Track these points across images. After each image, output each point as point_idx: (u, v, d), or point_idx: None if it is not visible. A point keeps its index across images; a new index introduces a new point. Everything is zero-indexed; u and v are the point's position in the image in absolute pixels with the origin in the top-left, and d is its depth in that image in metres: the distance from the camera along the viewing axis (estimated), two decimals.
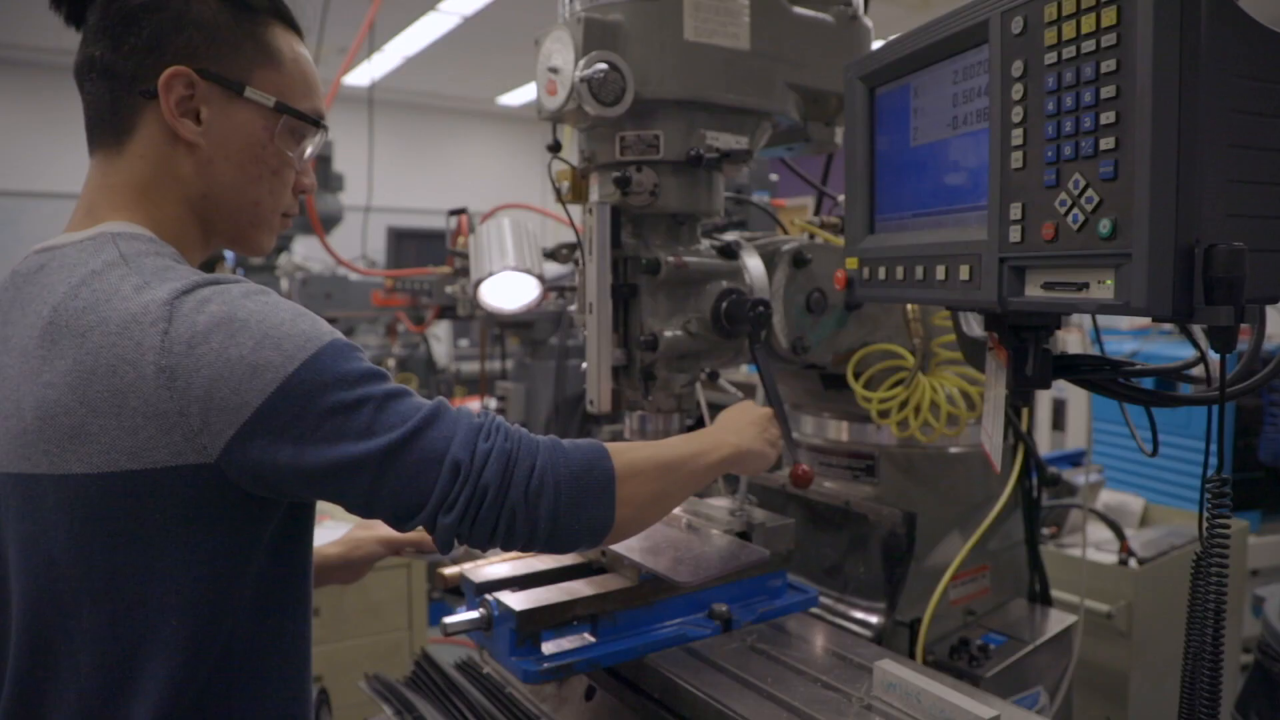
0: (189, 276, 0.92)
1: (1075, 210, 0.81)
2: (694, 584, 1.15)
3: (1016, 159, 0.88)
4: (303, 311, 0.94)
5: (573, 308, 1.56)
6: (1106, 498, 2.80)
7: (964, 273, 0.95)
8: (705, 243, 1.46)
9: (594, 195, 1.41)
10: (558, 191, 1.57)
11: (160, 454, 0.87)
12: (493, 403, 3.73)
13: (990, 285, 0.91)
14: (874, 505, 1.60)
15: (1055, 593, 1.83)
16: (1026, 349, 0.98)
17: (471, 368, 5.67)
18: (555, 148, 1.46)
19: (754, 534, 1.35)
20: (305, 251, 5.85)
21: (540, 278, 1.72)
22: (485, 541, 0.95)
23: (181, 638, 0.90)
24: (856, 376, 1.56)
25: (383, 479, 0.90)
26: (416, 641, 2.63)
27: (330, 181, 4.91)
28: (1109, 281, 0.80)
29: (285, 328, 0.90)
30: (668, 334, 1.35)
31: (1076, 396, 4.37)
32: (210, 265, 7.47)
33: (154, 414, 0.86)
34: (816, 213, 1.89)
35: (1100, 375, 1.01)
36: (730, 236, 1.52)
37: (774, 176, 3.68)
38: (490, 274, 1.69)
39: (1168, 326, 5.42)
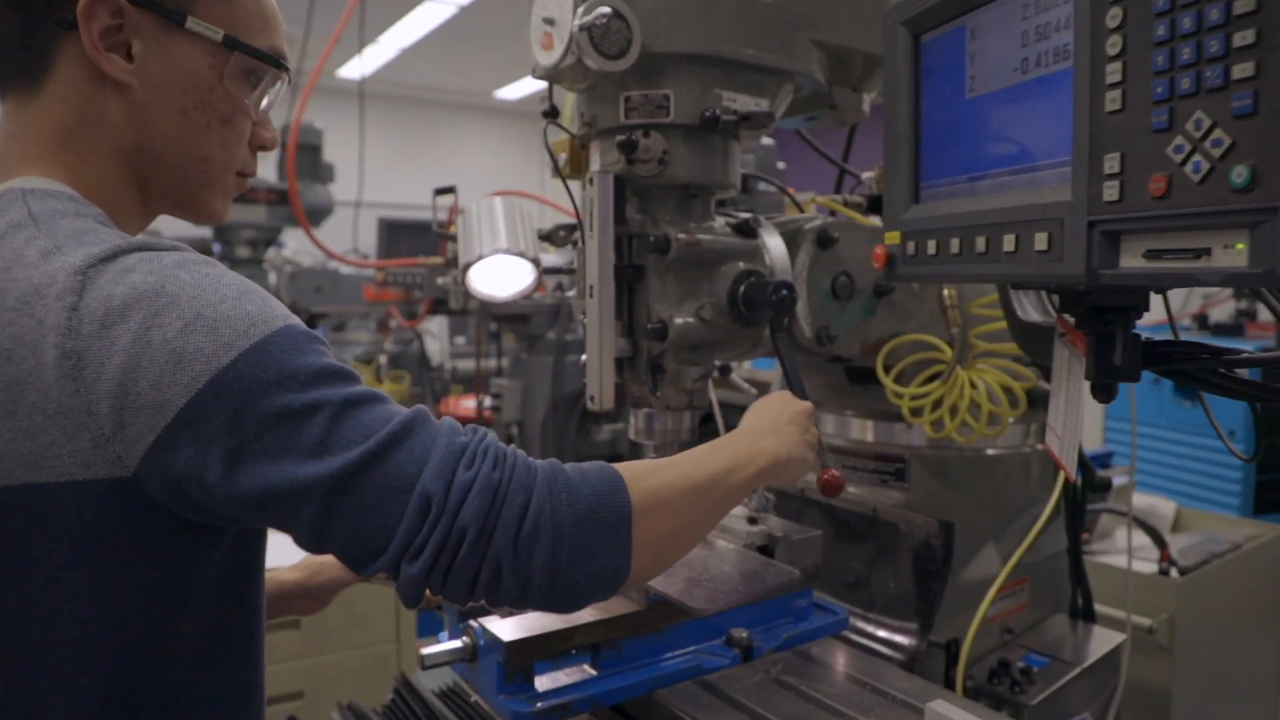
0: (111, 240, 0.76)
1: (1197, 157, 0.65)
2: (712, 611, 0.99)
3: (1112, 100, 0.72)
4: (252, 289, 0.77)
5: (571, 293, 1.41)
6: (1136, 501, 2.64)
7: (1040, 242, 0.79)
8: (720, 220, 1.30)
9: (595, 164, 1.25)
10: (555, 164, 1.41)
11: (65, 464, 0.70)
12: (487, 401, 3.57)
13: (1075, 256, 0.75)
14: (904, 513, 1.44)
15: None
16: (1112, 334, 0.83)
17: (468, 365, 5.51)
18: (551, 113, 1.30)
19: (777, 548, 1.19)
20: (297, 245, 5.69)
21: (535, 262, 1.56)
22: (463, 596, 0.77)
23: (98, 698, 0.74)
24: (886, 370, 1.40)
25: (334, 511, 0.73)
26: (405, 655, 2.47)
27: (320, 172, 4.74)
28: (1241, 245, 0.64)
29: (225, 307, 0.73)
30: (678, 321, 1.19)
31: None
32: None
33: (56, 412, 0.70)
34: (837, 192, 1.73)
35: (1197, 366, 0.85)
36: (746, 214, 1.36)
37: (781, 164, 3.53)
38: (480, 257, 1.53)
39: (1185, 321, 5.26)
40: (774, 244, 1.29)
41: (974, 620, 1.39)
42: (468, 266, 1.55)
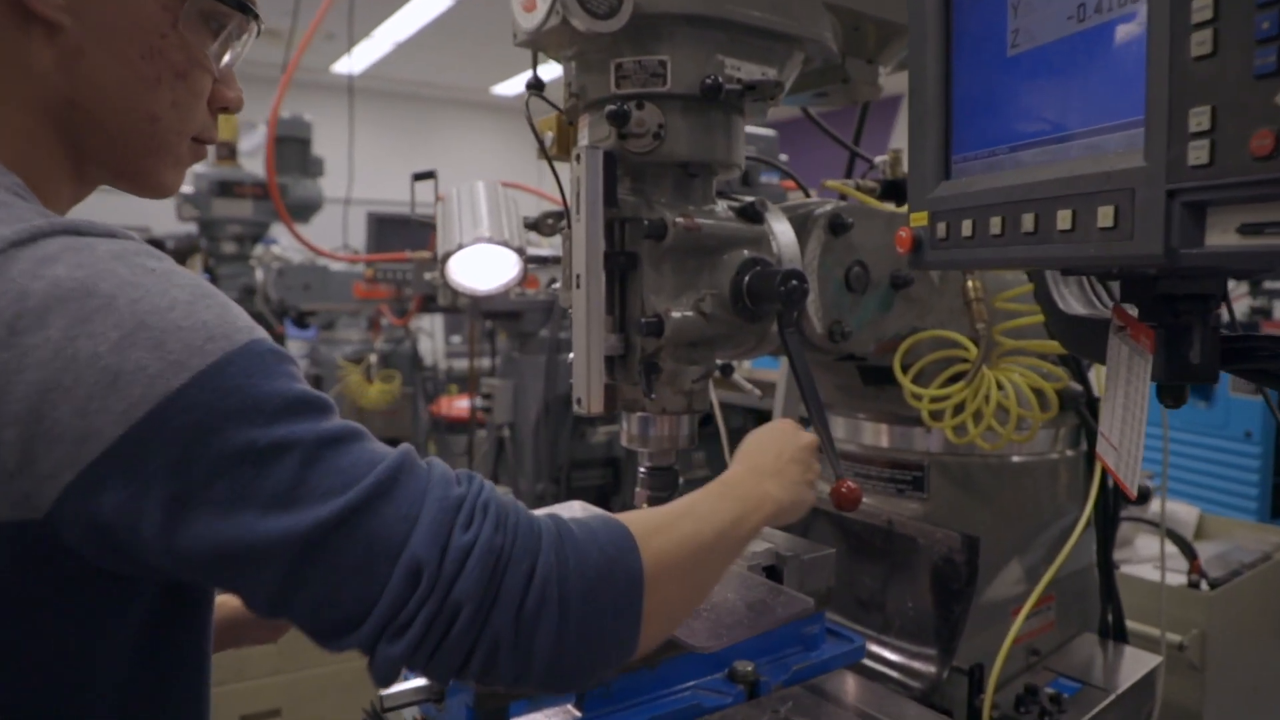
0: (30, 219, 0.62)
1: None
2: (715, 649, 0.86)
3: (1200, 43, 0.59)
4: (209, 292, 0.64)
5: (557, 285, 1.29)
6: (1156, 507, 2.52)
7: (1103, 217, 0.67)
8: (721, 204, 1.17)
9: (583, 140, 1.12)
10: (541, 145, 1.28)
11: None
12: (479, 402, 3.45)
13: (1149, 232, 0.63)
14: (923, 526, 1.31)
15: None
16: (1187, 327, 0.70)
17: (464, 365, 5.38)
18: (536, 85, 1.18)
19: (786, 569, 1.06)
20: (289, 242, 5.56)
21: (520, 251, 1.44)
22: (448, 676, 0.66)
23: None
24: (904, 369, 1.28)
25: (301, 577, 0.60)
26: None
27: (309, 166, 4.62)
28: None
29: (175, 315, 0.60)
30: (675, 315, 1.07)
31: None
32: (179, 258, 7.17)
33: None
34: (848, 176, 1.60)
35: None
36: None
37: (783, 156, 3.41)
38: (460, 246, 1.41)
39: None
40: (782, 230, 1.16)
41: (1003, 644, 1.26)
42: (447, 256, 1.43)
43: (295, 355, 6.09)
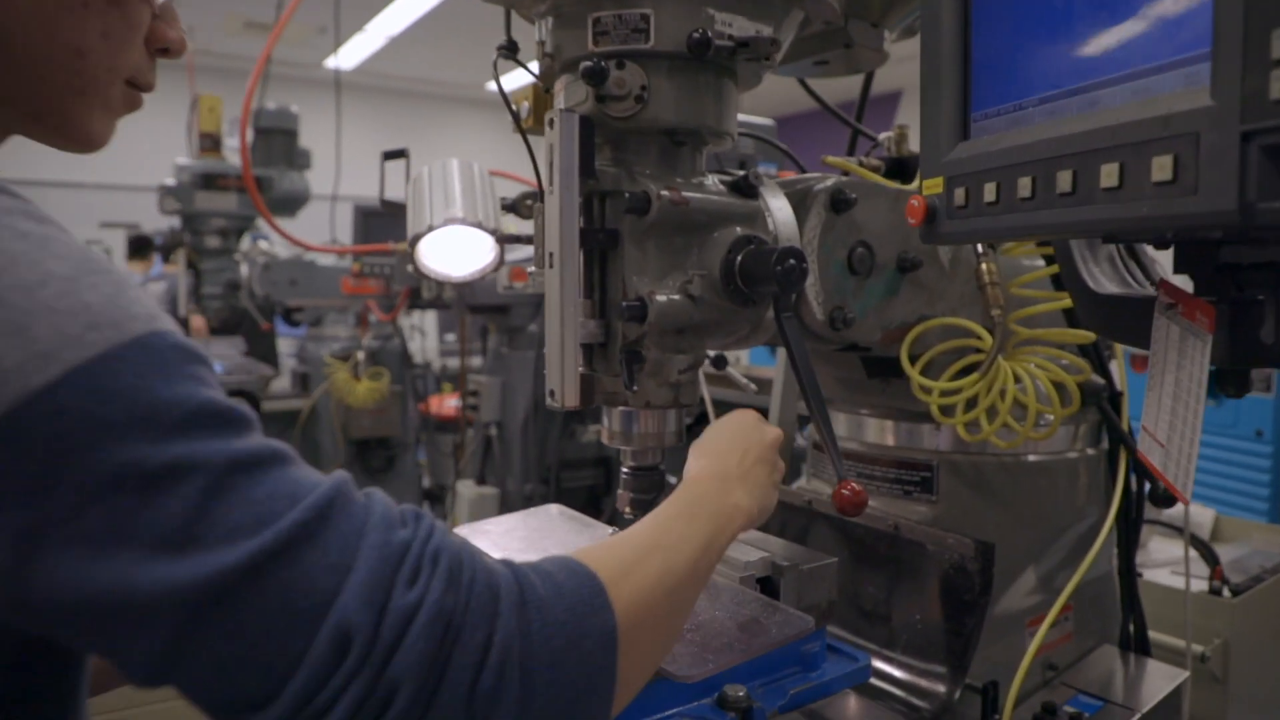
0: None
1: None
2: (699, 677, 0.75)
3: None
4: (101, 267, 0.52)
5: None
6: (1169, 509, 2.41)
7: (1160, 169, 0.56)
8: (712, 177, 1.07)
9: (560, 104, 1.02)
10: (514, 117, 1.18)
11: None
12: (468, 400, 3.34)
13: (1220, 184, 0.52)
14: (932, 531, 1.21)
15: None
16: (1257, 302, 0.60)
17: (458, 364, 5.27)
18: (509, 49, 1.08)
19: (783, 581, 0.95)
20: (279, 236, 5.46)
21: (496, 234, 1.33)
22: None
23: None
24: (912, 360, 1.17)
25: (194, 640, 0.48)
26: None
27: (295, 158, 4.51)
28: None
29: (48, 294, 0.48)
30: (660, 298, 0.96)
31: None
32: (141, 247, 7.01)
33: None
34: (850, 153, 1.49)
35: None
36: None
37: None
38: (430, 228, 1.30)
39: None
40: (778, 206, 1.05)
41: (1019, 659, 1.16)
42: (417, 239, 1.32)
43: (284, 353, 5.94)
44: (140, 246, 6.59)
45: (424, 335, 6.24)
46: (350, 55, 9.44)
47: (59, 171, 8.93)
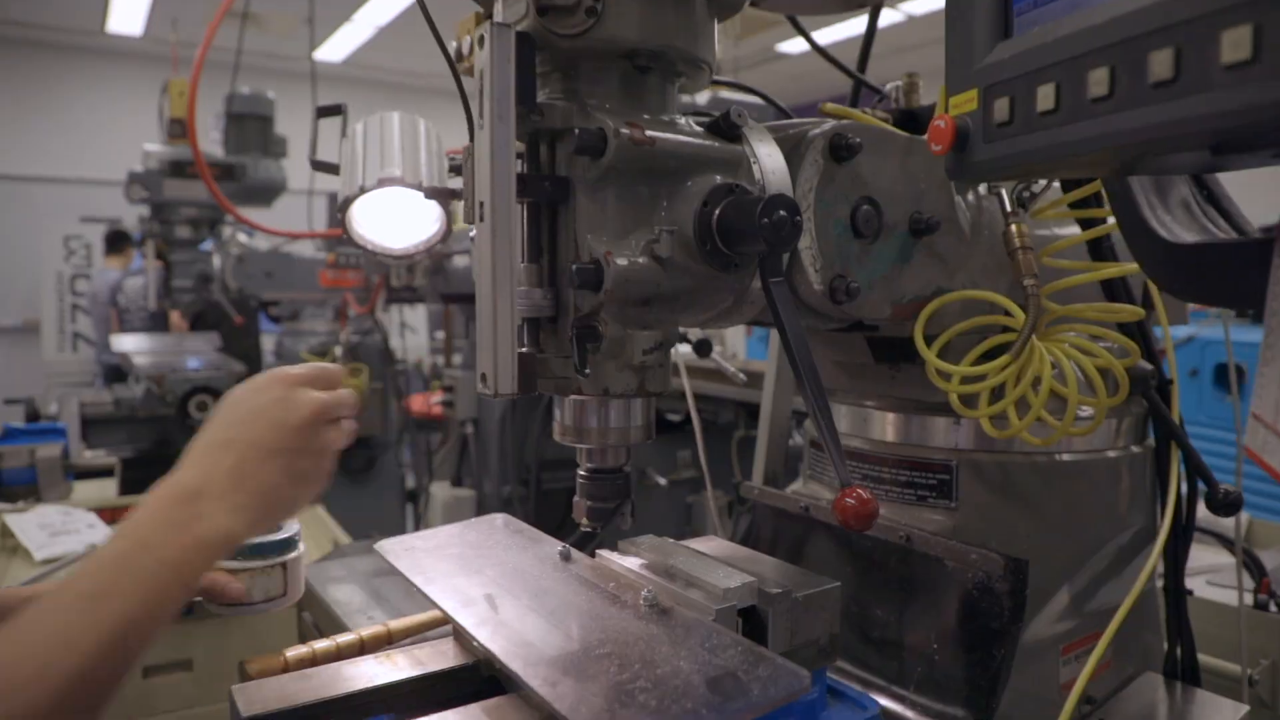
0: None
1: None
2: None
3: None
4: None
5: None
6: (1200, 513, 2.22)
7: None
8: (686, 118, 0.88)
9: (496, 19, 0.83)
10: (447, 56, 1.00)
11: None
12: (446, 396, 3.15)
13: None
14: (952, 544, 1.02)
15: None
16: None
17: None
18: None
19: (772, 612, 0.76)
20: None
21: (442, 196, 1.14)
22: None
23: None
24: (929, 342, 0.98)
25: None
26: None
27: (271, 146, 4.31)
28: None
29: None
30: (620, 261, 0.77)
31: None
32: (118, 241, 6.83)
33: None
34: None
35: None
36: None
37: None
38: (362, 190, 1.11)
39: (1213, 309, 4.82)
40: (767, 152, 0.87)
41: (1056, 696, 0.98)
42: (347, 203, 1.13)
43: (264, 350, 5.77)
44: (117, 241, 6.40)
45: (414, 332, 6.06)
46: (339, 47, 9.24)
47: (39, 167, 8.74)
